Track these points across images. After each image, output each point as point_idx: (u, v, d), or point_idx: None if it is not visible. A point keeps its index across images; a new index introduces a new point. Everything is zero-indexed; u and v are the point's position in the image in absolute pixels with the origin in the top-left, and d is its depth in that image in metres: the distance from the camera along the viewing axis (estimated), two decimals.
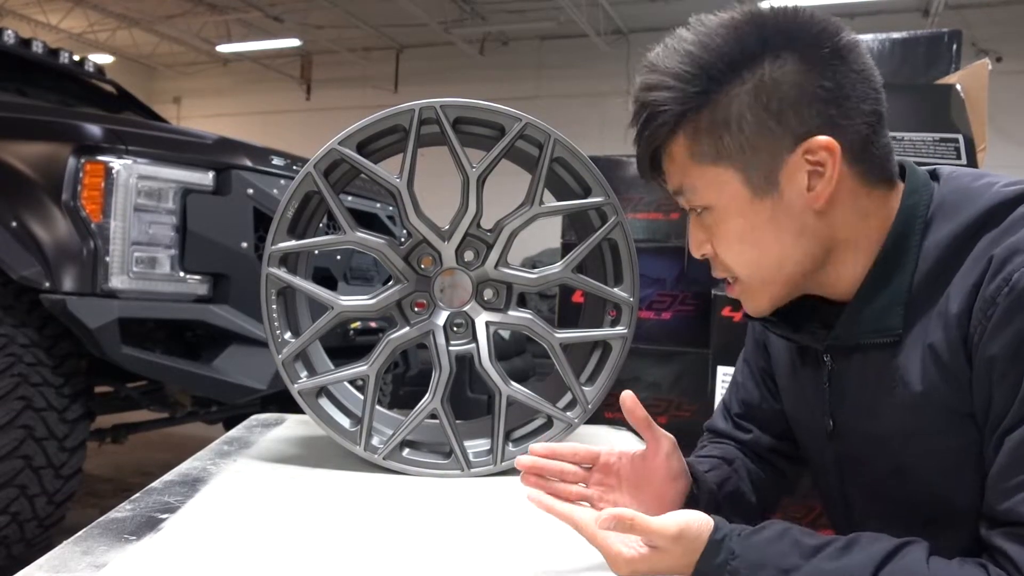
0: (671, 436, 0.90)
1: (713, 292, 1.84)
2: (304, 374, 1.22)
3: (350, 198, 2.74)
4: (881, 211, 0.78)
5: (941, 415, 0.73)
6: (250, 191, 2.32)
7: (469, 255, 1.23)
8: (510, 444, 1.23)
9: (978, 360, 0.69)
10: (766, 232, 0.78)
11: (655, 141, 0.80)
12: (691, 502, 0.90)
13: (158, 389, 2.54)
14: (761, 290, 0.82)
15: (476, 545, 0.87)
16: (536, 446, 0.87)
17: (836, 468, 0.87)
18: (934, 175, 0.81)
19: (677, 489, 0.89)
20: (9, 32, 3.00)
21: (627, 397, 0.85)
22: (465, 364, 1.27)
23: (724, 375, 1.81)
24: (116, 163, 2.09)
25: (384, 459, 1.18)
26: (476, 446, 1.23)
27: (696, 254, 0.84)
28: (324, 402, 1.23)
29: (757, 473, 1.01)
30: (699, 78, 0.75)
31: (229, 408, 2.75)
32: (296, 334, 1.23)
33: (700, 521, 0.71)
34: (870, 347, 0.78)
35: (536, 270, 1.24)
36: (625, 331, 1.24)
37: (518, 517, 0.97)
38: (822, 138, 0.74)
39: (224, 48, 11.16)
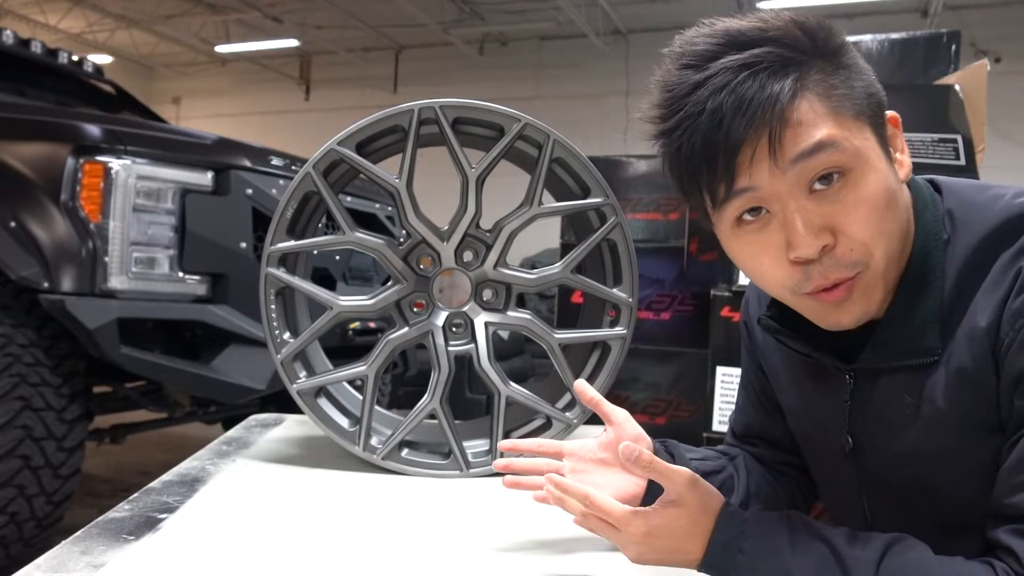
0: (623, 410, 0.92)
1: (712, 292, 1.84)
2: (303, 374, 1.22)
3: (349, 198, 2.74)
4: (908, 206, 0.76)
5: (969, 432, 0.72)
6: (249, 191, 2.32)
7: (468, 255, 1.23)
8: None
9: (1006, 374, 0.68)
10: (900, 197, 0.72)
11: (777, 104, 0.67)
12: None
13: (157, 389, 2.54)
14: (882, 277, 0.72)
15: (475, 545, 0.87)
16: (503, 443, 0.96)
17: (856, 485, 0.85)
18: (935, 186, 0.79)
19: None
20: (8, 32, 3.00)
21: (580, 385, 0.93)
22: (464, 364, 1.27)
23: (723, 375, 1.81)
24: (115, 163, 2.09)
25: (383, 459, 1.18)
26: (475, 446, 1.23)
27: (814, 247, 0.69)
28: (323, 402, 1.23)
29: (769, 480, 0.99)
30: (800, 40, 0.70)
31: (228, 408, 2.75)
32: (295, 334, 1.23)
33: (709, 484, 0.74)
34: (901, 368, 0.76)
35: (535, 270, 1.24)
36: (624, 331, 1.23)
37: (517, 517, 0.97)
38: (890, 112, 0.74)
39: (223, 48, 11.15)
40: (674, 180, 0.77)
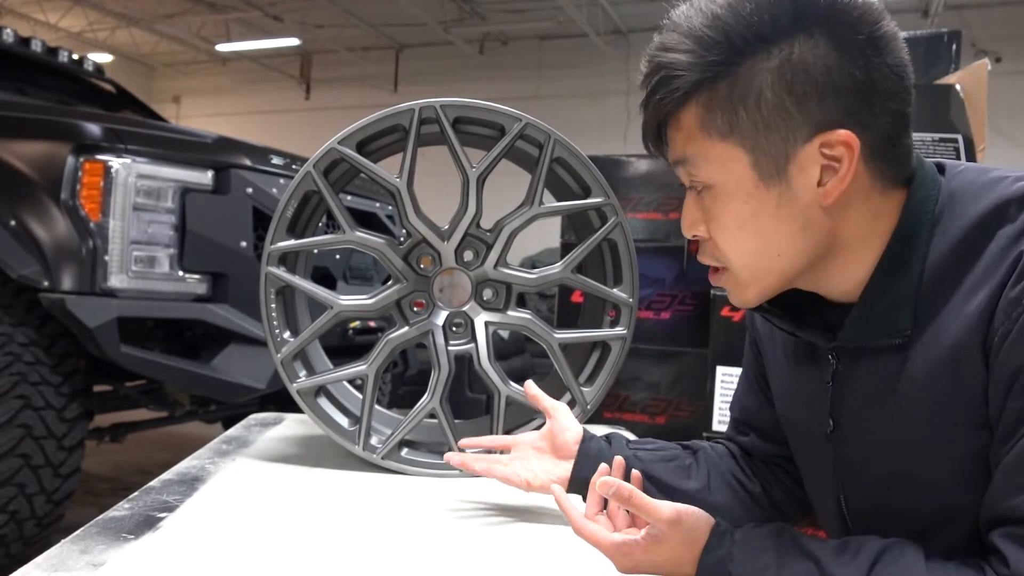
0: (563, 404, 1.05)
1: (712, 292, 1.84)
2: (303, 373, 1.22)
3: (349, 197, 2.74)
4: (894, 213, 0.74)
5: (949, 421, 0.70)
6: (249, 190, 2.32)
7: (468, 255, 1.23)
8: None
9: (999, 367, 0.65)
10: (768, 222, 0.73)
11: (665, 107, 0.73)
12: (588, 459, 0.96)
13: (157, 388, 2.54)
14: (750, 282, 0.77)
15: (474, 545, 0.87)
16: (463, 441, 1.07)
17: (832, 471, 0.84)
18: (940, 168, 0.77)
19: (566, 438, 1.00)
20: (8, 31, 2.99)
21: (528, 385, 1.08)
22: (464, 364, 1.27)
23: (723, 375, 1.81)
24: (115, 162, 2.09)
25: (383, 459, 1.18)
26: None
27: (687, 233, 0.79)
28: (323, 401, 1.23)
29: (741, 479, 0.99)
30: (722, 45, 0.69)
31: (228, 407, 2.75)
32: (295, 333, 1.23)
33: (697, 512, 0.73)
34: (880, 349, 0.74)
35: (535, 270, 1.24)
36: (624, 331, 1.23)
37: (516, 517, 0.97)
38: (842, 132, 0.69)
39: (223, 47, 11.15)
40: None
